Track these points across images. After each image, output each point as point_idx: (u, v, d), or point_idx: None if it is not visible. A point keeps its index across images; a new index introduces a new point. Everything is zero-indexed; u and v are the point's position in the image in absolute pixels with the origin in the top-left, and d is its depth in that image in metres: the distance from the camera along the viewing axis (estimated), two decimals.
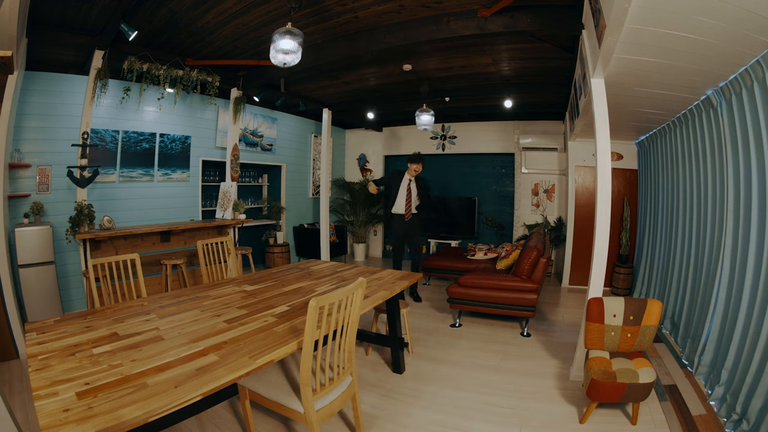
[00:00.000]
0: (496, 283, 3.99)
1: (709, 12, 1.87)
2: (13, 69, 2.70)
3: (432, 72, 4.94)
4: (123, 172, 4.70)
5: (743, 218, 2.54)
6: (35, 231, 3.63)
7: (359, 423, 2.24)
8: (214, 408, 2.52)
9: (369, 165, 8.49)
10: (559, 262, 6.59)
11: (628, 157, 5.55)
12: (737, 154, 2.61)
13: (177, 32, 3.86)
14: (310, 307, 1.68)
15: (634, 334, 2.51)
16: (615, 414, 2.50)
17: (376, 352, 3.47)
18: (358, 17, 3.52)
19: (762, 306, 2.23)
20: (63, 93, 4.14)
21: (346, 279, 3.05)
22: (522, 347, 3.62)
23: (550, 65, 4.53)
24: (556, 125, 6.84)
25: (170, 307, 2.27)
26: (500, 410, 2.58)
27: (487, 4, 3.14)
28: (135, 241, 4.36)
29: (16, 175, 3.87)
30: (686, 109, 3.46)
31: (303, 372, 1.76)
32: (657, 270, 4.43)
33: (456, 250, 6.43)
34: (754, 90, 2.30)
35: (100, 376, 1.41)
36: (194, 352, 1.63)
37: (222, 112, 5.71)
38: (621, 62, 2.52)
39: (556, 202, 6.89)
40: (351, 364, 2.10)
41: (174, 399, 1.28)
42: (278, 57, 2.74)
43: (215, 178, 5.88)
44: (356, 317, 1.99)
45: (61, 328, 1.88)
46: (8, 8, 2.37)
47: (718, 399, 2.51)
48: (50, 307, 3.67)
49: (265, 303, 2.38)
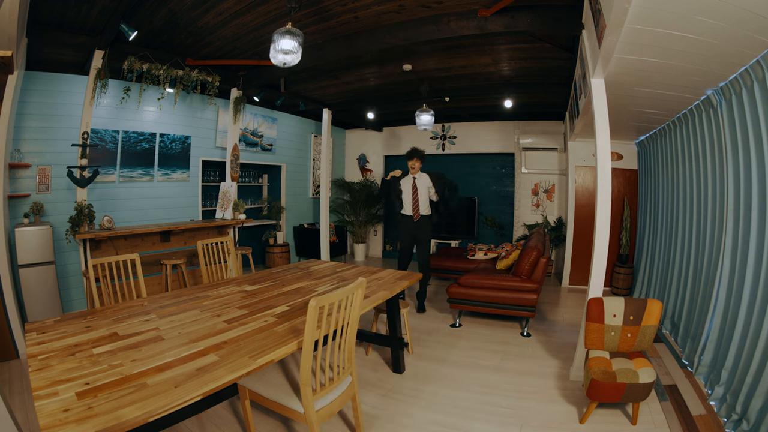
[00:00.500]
0: (496, 283, 3.99)
1: (709, 12, 1.87)
2: (13, 69, 2.70)
3: (432, 72, 4.94)
4: (123, 172, 4.70)
5: (743, 218, 2.54)
6: (35, 231, 3.63)
7: (359, 423, 2.24)
8: (214, 408, 2.52)
9: (369, 165, 8.49)
10: (559, 262, 6.58)
11: (628, 157, 5.54)
12: (737, 154, 2.61)
13: (177, 32, 3.86)
14: (310, 307, 1.68)
15: (634, 334, 2.51)
16: (615, 414, 2.50)
17: (376, 352, 3.47)
18: (358, 17, 3.52)
19: (762, 306, 2.23)
20: (63, 93, 4.14)
21: (346, 279, 3.05)
22: (522, 347, 3.62)
23: (550, 65, 4.53)
24: (556, 125, 6.84)
25: (170, 307, 2.27)
26: (500, 410, 2.58)
27: (487, 4, 3.14)
28: (135, 241, 4.36)
29: (16, 175, 3.87)
30: (686, 109, 3.46)
31: (303, 372, 1.76)
32: (657, 270, 4.43)
33: (456, 250, 6.43)
34: (754, 90, 2.30)
35: (100, 376, 1.41)
36: (194, 352, 1.63)
37: (222, 112, 5.71)
38: (621, 62, 2.52)
39: (556, 202, 6.89)
40: (351, 364, 2.10)
41: (174, 399, 1.28)
42: (278, 57, 2.73)
43: (215, 178, 5.88)
44: (356, 317, 1.99)
45: (61, 328, 1.88)
46: (8, 8, 2.37)
47: (718, 399, 2.51)
48: (50, 307, 3.67)
49: (265, 303, 2.38)
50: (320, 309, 1.72)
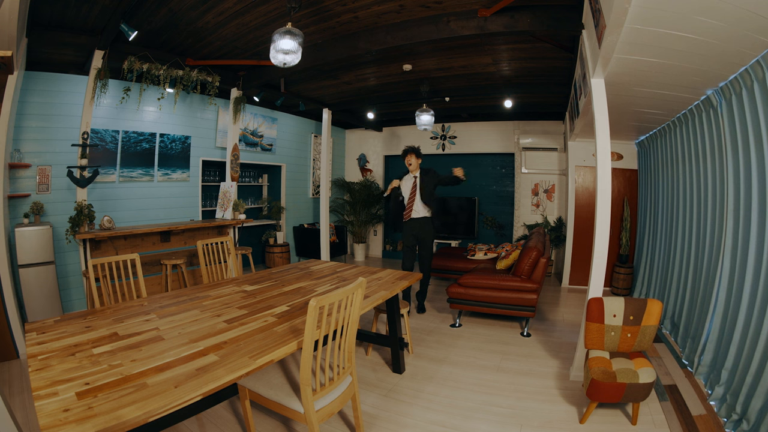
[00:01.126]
0: (496, 283, 3.99)
1: (709, 12, 1.87)
2: (13, 69, 2.70)
3: (432, 72, 4.94)
4: (123, 172, 4.70)
5: (743, 218, 2.54)
6: (35, 231, 3.63)
7: (359, 423, 2.24)
8: (214, 408, 2.52)
9: (369, 165, 8.49)
10: (559, 262, 6.58)
11: (628, 157, 5.54)
12: (737, 154, 2.61)
13: (177, 32, 3.86)
14: (311, 307, 1.68)
15: (634, 334, 2.51)
16: (615, 414, 2.50)
17: (376, 352, 3.47)
18: (358, 17, 3.52)
19: (762, 306, 2.23)
20: (63, 93, 4.14)
21: (346, 279, 3.05)
22: (522, 347, 3.62)
23: (550, 65, 4.53)
24: (556, 125, 6.84)
25: (170, 307, 2.27)
26: (500, 410, 2.58)
27: (487, 4, 3.14)
28: (135, 241, 4.36)
29: (16, 175, 3.87)
30: (686, 109, 3.46)
31: (303, 372, 1.76)
32: (657, 270, 4.43)
33: (456, 250, 6.43)
34: (754, 90, 2.30)
35: (100, 376, 1.41)
36: (194, 352, 1.63)
37: (222, 112, 5.71)
38: (621, 62, 2.52)
39: (556, 202, 6.89)
40: (351, 364, 2.10)
41: (174, 399, 1.28)
42: (278, 57, 2.73)
43: (215, 178, 5.88)
44: (356, 317, 1.99)
45: (61, 328, 1.88)
46: (8, 8, 2.37)
47: (718, 399, 2.51)
48: (50, 307, 3.67)
49: (265, 303, 2.38)
50: (320, 309, 1.72)
